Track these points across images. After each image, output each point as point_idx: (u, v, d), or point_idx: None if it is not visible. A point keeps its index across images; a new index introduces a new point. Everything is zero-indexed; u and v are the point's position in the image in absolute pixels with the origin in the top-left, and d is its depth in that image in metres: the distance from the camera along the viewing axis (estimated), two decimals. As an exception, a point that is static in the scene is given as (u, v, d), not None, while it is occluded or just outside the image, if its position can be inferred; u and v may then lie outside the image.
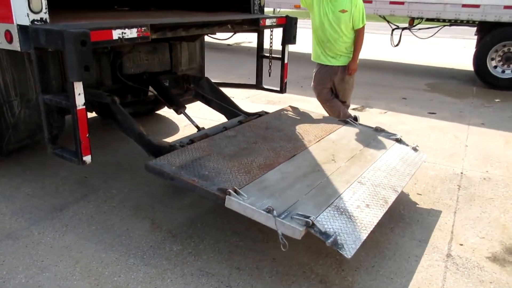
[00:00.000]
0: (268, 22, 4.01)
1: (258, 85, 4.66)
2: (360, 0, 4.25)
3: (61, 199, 3.38)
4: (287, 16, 4.24)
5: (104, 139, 4.52)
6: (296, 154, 3.16)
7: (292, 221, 2.26)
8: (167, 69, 4.20)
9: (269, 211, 2.29)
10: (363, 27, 4.33)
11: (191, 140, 3.20)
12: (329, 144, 3.42)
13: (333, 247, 2.20)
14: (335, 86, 4.54)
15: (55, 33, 2.33)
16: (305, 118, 4.00)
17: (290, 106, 4.31)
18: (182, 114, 3.87)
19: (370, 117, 5.81)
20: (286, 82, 4.52)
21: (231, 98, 4.31)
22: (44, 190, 3.51)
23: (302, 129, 3.67)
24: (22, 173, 3.73)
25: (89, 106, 3.41)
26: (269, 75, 4.52)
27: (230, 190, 2.44)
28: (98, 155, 2.94)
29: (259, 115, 3.97)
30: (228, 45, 12.33)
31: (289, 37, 4.24)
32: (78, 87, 2.43)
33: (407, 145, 3.60)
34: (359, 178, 2.90)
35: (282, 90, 4.53)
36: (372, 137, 3.65)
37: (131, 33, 2.67)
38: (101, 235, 2.92)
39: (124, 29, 2.62)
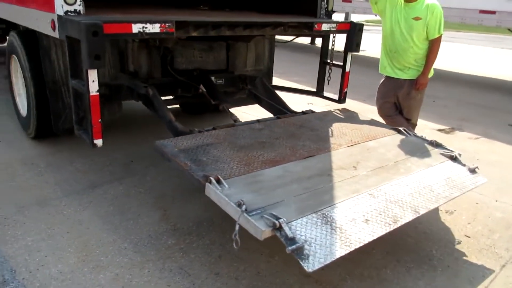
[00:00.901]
0: (325, 27, 3.80)
1: (318, 93, 4.46)
2: (439, 7, 3.76)
3: (100, 177, 3.68)
4: (351, 22, 3.97)
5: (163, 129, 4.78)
6: (314, 155, 2.94)
7: (259, 219, 2.08)
8: (222, 68, 4.27)
9: (239, 205, 2.15)
10: (439, 37, 3.83)
11: (214, 128, 3.21)
12: (361, 151, 3.11)
13: (294, 256, 1.96)
14: (400, 101, 4.09)
15: (75, 24, 2.53)
16: (353, 121, 3.71)
17: (344, 108, 4.05)
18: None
19: (454, 140, 5.13)
20: (346, 92, 4.24)
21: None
22: (91, 167, 3.85)
23: (340, 132, 3.42)
24: (78, 150, 4.14)
25: (136, 96, 3.68)
26: (328, 83, 4.30)
27: (212, 178, 2.37)
28: (151, 142, 3.10)
29: (303, 113, 3.81)
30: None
31: (351, 44, 3.98)
32: (92, 75, 2.61)
33: (464, 164, 3.06)
34: (373, 190, 2.56)
35: (341, 100, 4.28)
36: (421, 150, 3.22)
37: (153, 28, 2.77)
38: (113, 216, 3.10)
39: (146, 24, 2.73)
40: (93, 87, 2.64)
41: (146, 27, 2.73)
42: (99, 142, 2.80)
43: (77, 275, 2.47)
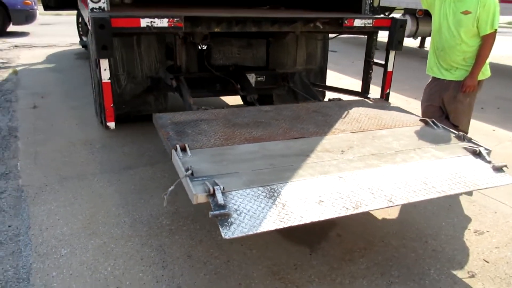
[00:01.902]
0: (358, 23, 3.62)
1: (362, 93, 4.23)
2: (492, 0, 3.30)
3: (138, 161, 4.05)
4: (392, 18, 3.71)
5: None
6: (305, 137, 2.85)
7: (199, 185, 2.11)
8: (261, 65, 4.33)
9: (187, 169, 2.22)
10: (492, 33, 3.35)
11: (223, 107, 3.32)
12: (363, 138, 2.90)
13: (217, 222, 1.94)
14: (445, 105, 3.68)
15: (89, 18, 2.89)
16: (379, 110, 3.46)
17: (379, 98, 3.83)
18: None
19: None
20: (388, 93, 3.97)
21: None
22: (135, 151, 4.26)
23: (353, 119, 3.24)
24: (133, 135, 4.59)
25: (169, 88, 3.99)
26: (367, 84, 4.09)
27: (178, 146, 2.49)
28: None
29: (329, 99, 3.73)
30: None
31: (392, 42, 3.72)
32: (104, 64, 2.93)
33: (488, 161, 2.63)
34: (346, 173, 2.38)
35: (383, 101, 4.00)
36: (441, 143, 2.87)
37: (162, 23, 2.99)
38: (130, 194, 3.41)
39: (154, 18, 2.96)
40: (105, 75, 2.97)
41: (154, 22, 2.97)
42: (111, 124, 3.13)
43: (73, 238, 2.81)
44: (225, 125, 2.97)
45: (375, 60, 4.04)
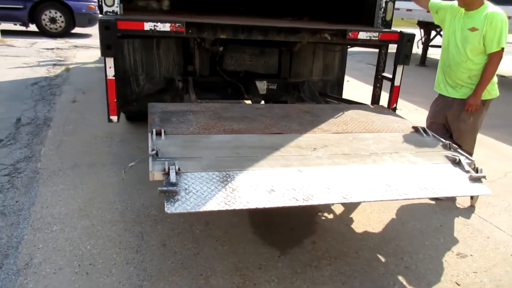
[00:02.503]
0: (363, 35, 3.63)
1: (371, 107, 4.20)
2: (500, 16, 3.20)
3: (148, 155, 4.31)
4: (400, 32, 3.69)
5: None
6: (284, 133, 2.92)
7: (158, 164, 2.25)
8: (272, 73, 4.45)
9: (152, 150, 2.39)
10: (499, 52, 3.25)
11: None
12: (342, 139, 2.91)
13: (164, 197, 2.06)
14: (449, 123, 3.58)
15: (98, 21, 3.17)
16: (374, 116, 3.47)
17: (380, 105, 3.84)
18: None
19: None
20: (395, 108, 3.92)
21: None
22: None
23: (341, 121, 3.27)
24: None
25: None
26: (376, 97, 4.06)
27: (154, 130, 2.68)
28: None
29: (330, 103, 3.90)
30: (502, 76, 10.46)
31: (399, 56, 3.69)
32: (109, 62, 3.20)
33: (467, 171, 2.54)
34: (307, 168, 2.41)
35: (389, 116, 3.97)
36: (424, 150, 2.82)
37: (164, 27, 3.20)
38: (129, 186, 3.63)
39: (157, 22, 3.19)
40: (110, 72, 3.23)
41: (157, 26, 3.19)
42: (114, 118, 3.38)
43: (67, 218, 3.08)
44: (210, 117, 3.12)
45: (383, 74, 4.02)
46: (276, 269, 2.68)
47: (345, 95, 5.35)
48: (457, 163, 2.63)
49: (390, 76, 3.88)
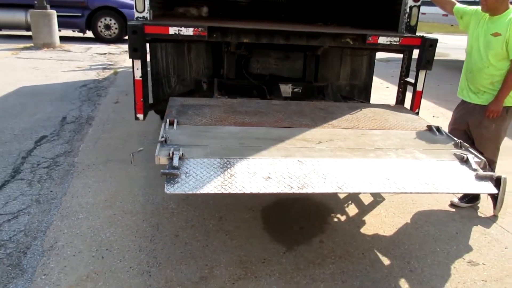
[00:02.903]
0: (383, 40, 3.64)
1: (395, 111, 4.18)
2: (524, 22, 3.11)
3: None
4: (422, 37, 3.66)
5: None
6: (293, 127, 3.01)
7: (165, 150, 2.42)
8: (297, 77, 4.53)
9: (162, 137, 2.57)
10: (522, 58, 3.15)
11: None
12: (350, 134, 2.95)
13: (165, 178, 2.21)
14: (470, 130, 3.50)
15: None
16: (391, 115, 3.48)
17: (401, 105, 3.89)
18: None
19: None
20: (417, 113, 3.88)
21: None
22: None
23: (354, 119, 3.31)
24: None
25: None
26: (398, 102, 4.04)
27: (168, 120, 2.88)
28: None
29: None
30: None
31: (420, 61, 3.66)
32: (136, 63, 3.44)
33: (474, 169, 2.51)
34: (308, 159, 2.47)
35: (411, 121, 3.93)
36: (433, 148, 2.81)
37: (187, 31, 3.41)
38: (154, 181, 3.86)
39: (181, 27, 3.40)
40: (137, 73, 3.47)
41: (181, 30, 3.40)
42: (140, 116, 3.62)
43: (93, 207, 3.34)
44: (225, 111, 3.28)
45: (406, 79, 3.99)
46: (279, 264, 2.76)
47: (381, 102, 5.33)
48: (464, 161, 2.61)
49: (413, 81, 3.85)
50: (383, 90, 8.65)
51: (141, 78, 3.50)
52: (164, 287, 2.50)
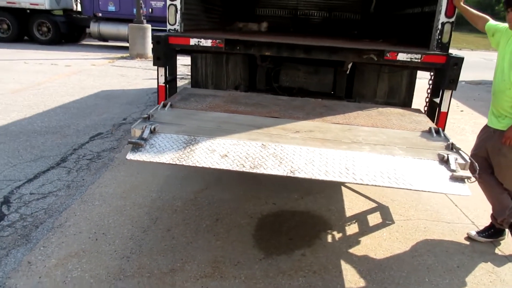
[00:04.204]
0: (403, 57, 3.52)
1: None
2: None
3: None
4: (447, 55, 3.47)
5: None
6: (282, 118, 3.08)
7: (140, 124, 2.67)
8: (326, 91, 4.51)
9: (147, 114, 2.82)
10: (547, 81, 2.82)
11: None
12: (336, 129, 2.93)
13: (131, 145, 2.43)
14: (490, 157, 3.19)
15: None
16: (399, 117, 3.36)
17: (417, 109, 3.77)
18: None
19: None
20: (442, 135, 3.65)
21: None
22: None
23: (353, 116, 3.28)
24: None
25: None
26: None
27: (163, 102, 3.15)
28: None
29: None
30: None
31: (444, 80, 3.47)
32: (160, 71, 3.78)
33: (452, 170, 2.34)
34: (272, 145, 2.51)
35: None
36: (420, 146, 2.68)
37: (206, 43, 3.67)
38: (174, 180, 4.15)
39: (200, 39, 3.67)
40: (160, 80, 3.81)
41: (200, 41, 3.67)
42: (162, 119, 3.94)
43: (109, 196, 3.72)
44: (226, 101, 3.47)
45: (433, 99, 3.77)
46: (250, 269, 2.82)
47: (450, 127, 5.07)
48: (444, 160, 2.44)
49: (438, 100, 3.64)
50: (455, 113, 8.07)
51: (164, 84, 3.83)
52: (136, 272, 2.72)
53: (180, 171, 4.33)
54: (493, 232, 3.34)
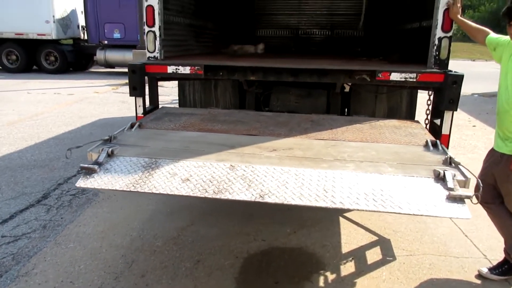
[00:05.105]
0: (396, 77, 3.23)
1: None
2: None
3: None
4: (445, 73, 3.16)
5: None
6: (258, 135, 2.84)
7: (98, 147, 2.48)
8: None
9: (109, 136, 2.62)
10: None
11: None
12: (318, 145, 2.65)
13: (83, 171, 2.24)
14: (498, 184, 2.84)
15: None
16: (394, 130, 3.09)
17: (415, 121, 3.50)
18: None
19: None
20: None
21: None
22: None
23: (341, 131, 3.01)
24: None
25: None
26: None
27: (133, 123, 2.95)
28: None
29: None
30: None
31: (443, 100, 3.16)
32: (138, 101, 3.56)
33: (449, 188, 2.03)
34: (242, 165, 2.26)
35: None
36: (414, 162, 2.37)
37: (184, 70, 3.44)
38: (170, 215, 3.89)
39: (178, 66, 3.44)
40: (139, 110, 3.58)
41: (178, 69, 3.44)
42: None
43: (86, 237, 3.46)
44: (204, 119, 3.26)
45: (433, 121, 3.44)
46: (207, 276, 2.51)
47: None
48: (440, 177, 2.13)
49: (439, 122, 3.32)
50: (467, 128, 7.68)
51: (143, 115, 3.60)
52: (98, 329, 2.44)
53: (165, 205, 4.07)
54: (507, 269, 2.96)
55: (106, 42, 14.72)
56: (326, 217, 3.86)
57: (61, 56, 15.17)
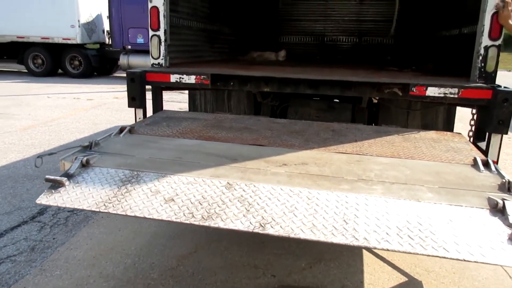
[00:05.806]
0: (433, 92, 2.75)
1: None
2: None
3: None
4: (493, 89, 2.66)
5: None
6: (267, 146, 2.43)
7: (73, 155, 2.17)
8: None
9: (89, 142, 2.32)
10: None
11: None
12: (339, 160, 2.21)
13: (49, 184, 1.91)
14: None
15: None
16: (430, 143, 2.62)
17: (456, 134, 2.95)
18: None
19: None
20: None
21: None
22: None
23: (367, 143, 2.57)
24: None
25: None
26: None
27: (121, 127, 2.67)
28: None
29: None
30: None
31: (491, 121, 2.66)
32: (138, 113, 3.19)
33: (510, 224, 1.57)
34: (242, 184, 1.86)
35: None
36: (463, 187, 1.89)
37: (189, 79, 3.06)
38: (170, 240, 3.51)
39: (182, 75, 3.06)
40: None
41: (182, 78, 3.06)
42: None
43: (75, 263, 3.10)
44: (206, 125, 2.90)
45: (477, 144, 2.93)
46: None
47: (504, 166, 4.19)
48: (498, 210, 1.66)
49: (484, 147, 2.81)
50: (507, 146, 7.00)
51: (143, 126, 3.22)
52: None
53: (168, 227, 3.68)
54: None
55: (129, 47, 14.64)
56: (348, 249, 3.38)
57: (85, 60, 15.18)
